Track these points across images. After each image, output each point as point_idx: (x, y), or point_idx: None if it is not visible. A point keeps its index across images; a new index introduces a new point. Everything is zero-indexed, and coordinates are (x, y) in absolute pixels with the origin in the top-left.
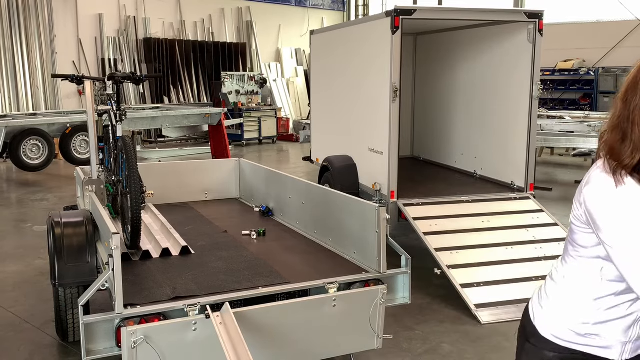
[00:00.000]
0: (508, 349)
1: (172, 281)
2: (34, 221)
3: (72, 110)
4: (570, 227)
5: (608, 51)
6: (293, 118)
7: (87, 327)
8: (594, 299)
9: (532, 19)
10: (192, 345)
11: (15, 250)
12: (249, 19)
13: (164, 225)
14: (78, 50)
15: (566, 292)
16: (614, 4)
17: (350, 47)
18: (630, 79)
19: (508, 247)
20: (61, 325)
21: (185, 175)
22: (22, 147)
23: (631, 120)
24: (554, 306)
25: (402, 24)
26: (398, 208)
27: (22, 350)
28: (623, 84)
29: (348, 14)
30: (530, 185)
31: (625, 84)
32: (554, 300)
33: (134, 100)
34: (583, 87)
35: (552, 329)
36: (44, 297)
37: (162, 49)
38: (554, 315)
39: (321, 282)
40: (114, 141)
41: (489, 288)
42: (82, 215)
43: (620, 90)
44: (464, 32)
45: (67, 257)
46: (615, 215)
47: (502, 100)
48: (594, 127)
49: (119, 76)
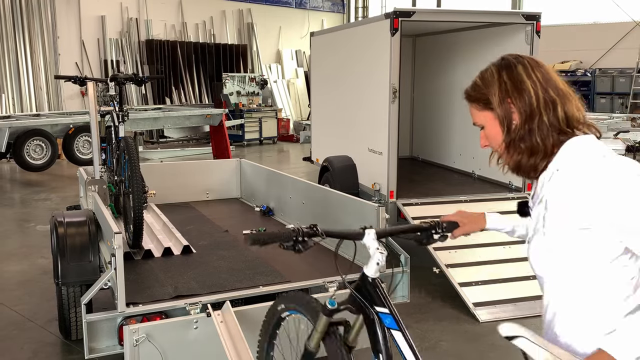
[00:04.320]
0: (505, 347)
1: (174, 280)
2: (37, 221)
3: (75, 111)
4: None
5: (605, 52)
6: (293, 119)
7: (90, 325)
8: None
9: (529, 21)
10: (194, 344)
11: (18, 249)
12: (249, 20)
13: (165, 225)
14: (81, 51)
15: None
16: (611, 5)
17: (350, 48)
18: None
19: (506, 246)
20: (64, 324)
21: (186, 176)
22: (26, 148)
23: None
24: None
25: (401, 25)
26: (397, 208)
27: (25, 348)
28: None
29: (348, 16)
30: (528, 185)
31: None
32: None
33: (136, 101)
34: (580, 88)
35: None
36: (47, 295)
37: (163, 51)
38: None
39: (321, 281)
40: (116, 141)
41: (487, 287)
42: (85, 215)
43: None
44: (462, 34)
45: (70, 256)
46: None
47: None
48: None
49: (121, 77)
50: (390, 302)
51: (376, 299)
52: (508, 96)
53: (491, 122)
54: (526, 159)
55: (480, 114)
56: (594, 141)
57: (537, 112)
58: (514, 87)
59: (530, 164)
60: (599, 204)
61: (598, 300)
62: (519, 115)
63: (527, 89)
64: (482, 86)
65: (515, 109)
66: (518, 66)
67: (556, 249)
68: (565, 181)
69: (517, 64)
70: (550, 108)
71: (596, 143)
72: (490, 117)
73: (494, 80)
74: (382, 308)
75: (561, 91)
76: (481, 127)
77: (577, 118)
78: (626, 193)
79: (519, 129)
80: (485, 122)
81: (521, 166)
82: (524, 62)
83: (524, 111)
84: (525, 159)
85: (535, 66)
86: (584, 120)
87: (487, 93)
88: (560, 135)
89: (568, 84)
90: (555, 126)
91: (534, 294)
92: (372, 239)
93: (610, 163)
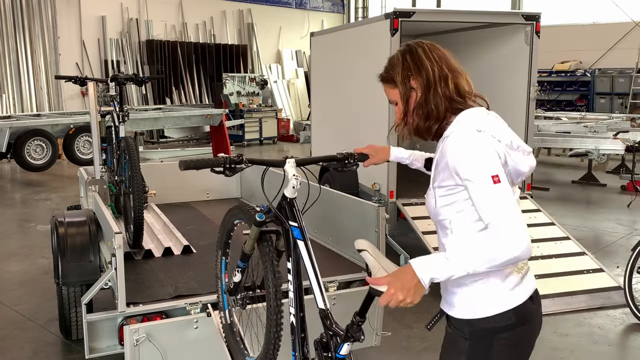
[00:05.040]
0: None
1: (174, 280)
2: (38, 221)
3: (76, 111)
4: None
5: (604, 53)
6: (293, 119)
7: (90, 325)
8: None
9: (529, 21)
10: (194, 343)
11: (19, 249)
12: (249, 21)
13: (165, 225)
14: (81, 51)
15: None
16: (610, 6)
17: (350, 48)
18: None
19: None
20: (64, 323)
21: (186, 175)
22: (26, 148)
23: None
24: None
25: (401, 26)
26: (397, 207)
27: (25, 348)
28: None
29: (348, 16)
30: (527, 185)
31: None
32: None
33: (137, 102)
34: (579, 88)
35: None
36: (47, 295)
37: (164, 51)
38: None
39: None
40: (116, 142)
41: None
42: (85, 215)
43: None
44: (462, 34)
45: (71, 256)
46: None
47: (499, 101)
48: (590, 128)
49: (121, 77)
50: (300, 219)
51: (290, 215)
52: (411, 74)
53: (399, 97)
54: (422, 123)
55: (391, 91)
56: (479, 114)
57: (432, 84)
58: (415, 66)
59: (425, 127)
60: (459, 167)
61: (465, 227)
62: (419, 89)
63: (425, 67)
64: (389, 69)
65: (416, 84)
66: (418, 49)
67: (437, 198)
68: (446, 147)
69: (417, 47)
70: (444, 81)
71: (480, 116)
72: (398, 93)
73: (398, 62)
74: (294, 222)
75: (453, 68)
76: (395, 104)
77: (467, 90)
78: (471, 160)
79: (419, 99)
80: (396, 98)
81: (419, 129)
82: (423, 46)
83: (423, 85)
84: (422, 122)
85: (433, 49)
86: (473, 92)
87: (393, 74)
88: (452, 103)
89: (458, 61)
90: (447, 96)
91: None
92: (291, 166)
93: (475, 138)
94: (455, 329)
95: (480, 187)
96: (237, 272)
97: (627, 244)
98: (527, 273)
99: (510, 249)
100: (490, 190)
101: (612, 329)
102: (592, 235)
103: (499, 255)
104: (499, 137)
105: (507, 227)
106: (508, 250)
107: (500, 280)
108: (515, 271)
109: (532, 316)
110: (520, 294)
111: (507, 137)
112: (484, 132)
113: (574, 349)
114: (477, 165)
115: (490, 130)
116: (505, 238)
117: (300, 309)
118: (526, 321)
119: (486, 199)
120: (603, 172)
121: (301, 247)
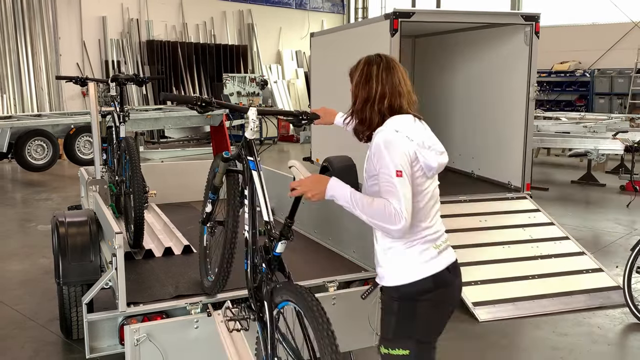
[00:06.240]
0: (505, 346)
1: (175, 280)
2: (39, 220)
3: (76, 112)
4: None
5: (603, 53)
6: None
7: (91, 325)
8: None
9: (528, 22)
10: (194, 343)
11: (20, 249)
12: (250, 21)
13: (166, 225)
14: (82, 52)
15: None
16: (609, 6)
17: (349, 49)
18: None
19: (505, 246)
20: (65, 323)
21: (187, 175)
22: (27, 148)
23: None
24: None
25: (401, 26)
26: None
27: (26, 347)
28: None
29: (347, 17)
30: (526, 185)
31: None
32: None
33: (137, 102)
34: (579, 88)
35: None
36: (48, 295)
37: (164, 51)
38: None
39: (321, 281)
40: (117, 142)
41: (486, 286)
42: (86, 215)
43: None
44: (461, 35)
45: (71, 256)
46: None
47: (499, 101)
48: (589, 128)
49: (122, 78)
50: (256, 155)
51: (249, 152)
52: (360, 83)
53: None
54: (358, 126)
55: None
56: (403, 119)
57: (371, 100)
58: (365, 79)
59: (360, 130)
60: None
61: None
62: (361, 98)
63: (370, 84)
64: (353, 69)
65: (361, 93)
66: (373, 65)
67: (367, 187)
68: (372, 142)
69: (373, 63)
70: (380, 100)
71: (403, 121)
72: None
73: (359, 68)
74: (251, 157)
75: (395, 90)
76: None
77: (404, 108)
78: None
79: (358, 106)
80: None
81: (356, 130)
82: (379, 63)
83: (364, 97)
84: (358, 126)
85: (386, 68)
86: (410, 109)
87: (352, 76)
88: (384, 118)
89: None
90: (381, 112)
91: (533, 293)
92: (253, 112)
93: (392, 137)
94: (387, 296)
95: (387, 176)
96: (208, 203)
97: (627, 244)
98: (446, 249)
99: (388, 222)
100: (393, 180)
101: (611, 329)
102: (592, 235)
103: (379, 221)
104: (412, 137)
105: (395, 208)
106: (386, 222)
107: (418, 254)
108: (433, 247)
109: (448, 283)
110: (436, 265)
111: (419, 138)
112: (401, 133)
113: (573, 348)
114: (388, 159)
115: (406, 132)
116: (389, 214)
117: (253, 226)
118: (443, 286)
119: (389, 186)
120: (602, 172)
121: (255, 176)
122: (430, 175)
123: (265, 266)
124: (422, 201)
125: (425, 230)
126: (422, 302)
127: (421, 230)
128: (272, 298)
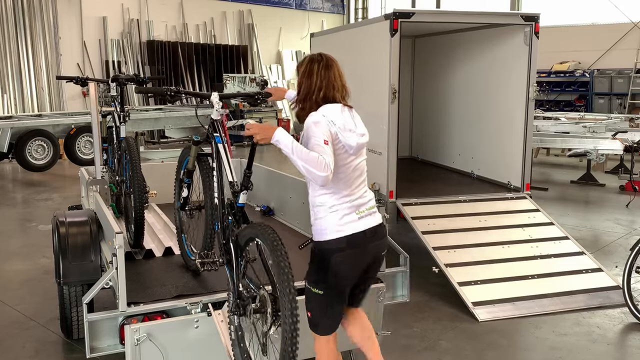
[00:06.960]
0: (505, 346)
1: (175, 279)
2: (39, 220)
3: (77, 112)
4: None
5: (603, 53)
6: (293, 119)
7: (91, 324)
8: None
9: (528, 22)
10: (194, 343)
11: (20, 249)
12: (250, 21)
13: (166, 225)
14: (82, 52)
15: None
16: (609, 7)
17: (349, 49)
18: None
19: (504, 246)
20: (66, 323)
21: None
22: (28, 148)
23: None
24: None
25: (401, 26)
26: (397, 207)
27: (27, 347)
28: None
29: (347, 17)
30: (526, 185)
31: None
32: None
33: (137, 102)
34: (578, 88)
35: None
36: (48, 295)
37: (164, 51)
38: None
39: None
40: (117, 142)
41: (486, 286)
42: (86, 215)
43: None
44: (461, 35)
45: (72, 255)
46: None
47: (498, 101)
48: (589, 128)
49: (122, 78)
50: (221, 131)
51: (214, 130)
52: (303, 77)
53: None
54: (300, 111)
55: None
56: (332, 108)
57: (310, 92)
58: (307, 74)
59: (300, 116)
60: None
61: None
62: (303, 90)
63: (311, 79)
64: (300, 63)
65: (304, 86)
66: (314, 63)
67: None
68: (306, 123)
69: (314, 61)
70: (317, 92)
71: (331, 109)
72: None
73: (304, 64)
74: (216, 133)
75: (331, 85)
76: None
77: (336, 99)
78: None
79: (302, 96)
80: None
81: (297, 114)
82: (319, 61)
83: (305, 89)
84: (300, 111)
85: (325, 66)
86: (342, 100)
87: (298, 70)
88: (319, 106)
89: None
90: (317, 102)
91: (533, 293)
92: (215, 97)
93: (319, 119)
94: (315, 248)
95: (317, 143)
96: (184, 187)
97: (626, 244)
98: (368, 216)
99: (318, 169)
100: (322, 145)
101: (610, 329)
102: (591, 235)
103: (311, 166)
104: (335, 122)
105: (325, 160)
106: (317, 168)
107: (338, 218)
108: (355, 213)
109: (362, 244)
110: (353, 228)
111: (341, 122)
112: (326, 117)
113: (573, 348)
114: (318, 132)
115: (331, 117)
116: (320, 163)
117: (220, 192)
118: (355, 246)
119: (320, 148)
120: (602, 172)
121: (220, 147)
122: (352, 152)
123: (231, 218)
124: (344, 173)
125: (345, 197)
126: (336, 257)
127: (342, 197)
128: (238, 241)
